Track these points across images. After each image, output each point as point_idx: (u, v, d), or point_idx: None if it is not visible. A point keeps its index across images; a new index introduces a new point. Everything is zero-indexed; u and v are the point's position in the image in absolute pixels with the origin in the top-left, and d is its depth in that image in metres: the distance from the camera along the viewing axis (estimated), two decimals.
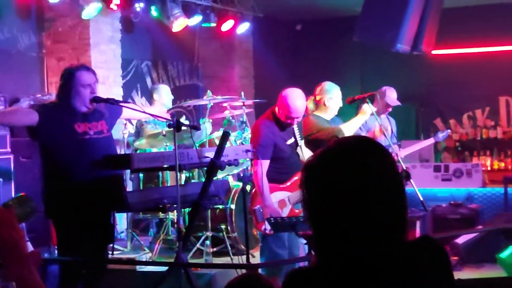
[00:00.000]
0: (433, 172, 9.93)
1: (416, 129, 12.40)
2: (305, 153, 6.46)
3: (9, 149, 7.19)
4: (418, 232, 8.98)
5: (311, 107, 7.09)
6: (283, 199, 6.09)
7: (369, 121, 7.40)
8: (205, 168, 5.36)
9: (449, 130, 9.21)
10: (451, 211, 9.22)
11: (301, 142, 6.31)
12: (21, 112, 5.58)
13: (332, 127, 6.73)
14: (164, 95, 8.32)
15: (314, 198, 1.92)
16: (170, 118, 5.36)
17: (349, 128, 6.71)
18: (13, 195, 7.06)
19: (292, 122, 6.04)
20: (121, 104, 5.66)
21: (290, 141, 6.18)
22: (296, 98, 6.03)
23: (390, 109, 7.98)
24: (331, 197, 1.88)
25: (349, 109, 7.39)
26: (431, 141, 8.80)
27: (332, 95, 6.92)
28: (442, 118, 12.51)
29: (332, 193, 1.88)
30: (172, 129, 5.24)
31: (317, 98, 7.02)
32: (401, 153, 8.07)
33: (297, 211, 6.07)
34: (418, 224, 8.99)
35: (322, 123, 6.79)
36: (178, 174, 5.31)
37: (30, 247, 7.11)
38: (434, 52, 9.55)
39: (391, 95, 7.92)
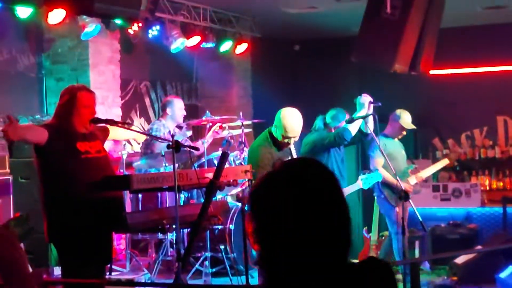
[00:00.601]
0: (432, 192, 9.94)
1: (415, 149, 12.38)
2: None
3: (8, 170, 7.18)
4: (417, 253, 8.97)
5: (319, 125, 7.18)
6: None
7: (388, 144, 7.50)
8: (204, 189, 5.37)
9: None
10: (450, 231, 9.22)
11: None
12: (34, 129, 5.50)
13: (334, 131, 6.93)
14: (177, 110, 8.31)
15: (260, 221, 1.93)
16: (169, 139, 5.37)
17: (352, 126, 6.85)
18: (12, 216, 7.05)
19: (289, 141, 6.06)
20: (120, 125, 5.68)
21: None
22: (292, 117, 6.06)
23: (405, 133, 8.02)
24: (276, 219, 1.89)
25: None
26: (445, 162, 8.81)
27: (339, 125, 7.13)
28: (440, 137, 12.51)
29: (277, 215, 1.89)
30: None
31: (327, 121, 7.16)
32: (422, 174, 8.11)
33: None
34: (417, 244, 8.99)
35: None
36: (177, 195, 5.31)
37: (29, 268, 7.09)
38: (432, 72, 9.57)
39: (406, 118, 7.97)
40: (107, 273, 6.78)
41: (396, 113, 8.02)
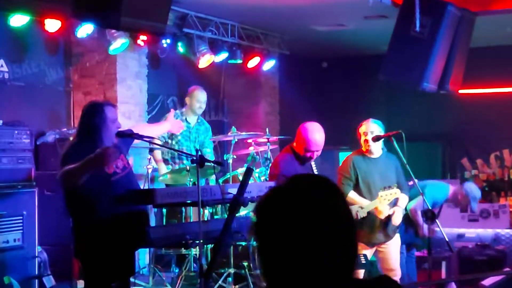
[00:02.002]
0: (460, 213, 9.82)
1: (443, 169, 12.28)
2: None
3: (33, 183, 7.19)
4: (443, 273, 8.85)
5: None
6: None
7: None
8: (228, 204, 5.33)
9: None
10: (478, 252, 9.10)
11: None
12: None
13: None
14: (193, 102, 8.44)
15: (265, 238, 1.89)
16: (193, 154, 5.33)
17: None
18: (36, 228, 7.06)
19: (312, 155, 6.00)
20: (145, 139, 5.66)
21: None
22: (314, 131, 6.02)
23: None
24: (280, 234, 1.85)
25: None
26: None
27: None
28: (469, 157, 12.39)
29: (281, 230, 1.85)
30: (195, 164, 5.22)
31: None
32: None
33: None
34: (443, 264, 8.88)
35: None
36: (201, 210, 5.27)
37: (52, 281, 7.09)
38: (461, 91, 9.50)
39: None
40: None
41: None
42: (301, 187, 1.92)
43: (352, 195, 6.62)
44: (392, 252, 6.82)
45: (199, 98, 8.52)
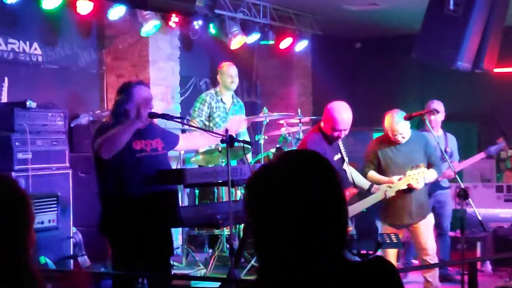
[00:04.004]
0: (496, 193, 9.73)
1: (478, 148, 12.13)
2: (352, 170, 6.40)
3: (67, 164, 7.27)
4: (478, 253, 8.79)
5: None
6: None
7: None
8: None
9: (502, 144, 9.02)
10: None
11: (347, 158, 6.23)
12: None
13: None
14: (224, 77, 8.41)
15: (254, 212, 1.89)
16: (223, 134, 5.32)
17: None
18: (71, 210, 7.15)
19: (339, 135, 5.97)
20: (176, 120, 5.66)
21: (337, 156, 6.10)
22: (342, 110, 5.99)
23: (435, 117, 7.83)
24: (268, 209, 1.84)
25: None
26: (481, 155, 8.63)
27: None
28: (504, 137, 12.21)
29: (269, 205, 1.84)
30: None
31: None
32: (456, 168, 7.95)
33: (350, 228, 5.98)
34: (478, 244, 8.81)
35: None
36: (232, 190, 5.28)
37: (87, 261, 7.18)
38: (496, 70, 9.36)
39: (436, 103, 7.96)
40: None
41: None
42: (290, 162, 1.91)
43: (372, 174, 6.64)
44: (423, 231, 6.76)
45: (230, 72, 8.44)
